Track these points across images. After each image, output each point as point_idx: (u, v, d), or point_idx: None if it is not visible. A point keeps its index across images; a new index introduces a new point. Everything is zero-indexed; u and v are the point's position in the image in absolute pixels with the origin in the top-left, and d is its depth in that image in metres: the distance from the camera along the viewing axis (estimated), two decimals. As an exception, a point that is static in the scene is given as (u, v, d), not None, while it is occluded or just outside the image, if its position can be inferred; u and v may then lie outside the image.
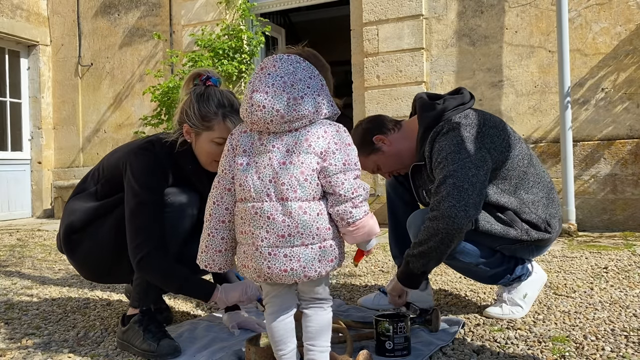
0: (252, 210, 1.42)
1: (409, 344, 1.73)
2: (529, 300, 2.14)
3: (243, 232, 1.46)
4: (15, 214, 7.08)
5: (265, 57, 1.50)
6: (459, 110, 2.03)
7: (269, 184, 1.41)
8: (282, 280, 1.43)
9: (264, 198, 1.41)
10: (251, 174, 1.44)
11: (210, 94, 1.86)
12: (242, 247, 1.48)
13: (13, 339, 2.05)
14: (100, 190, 2.01)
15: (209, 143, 1.87)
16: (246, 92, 1.47)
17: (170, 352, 1.77)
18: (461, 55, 5.08)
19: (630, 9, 4.49)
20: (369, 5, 5.38)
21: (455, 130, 1.94)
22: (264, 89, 1.42)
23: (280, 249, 1.40)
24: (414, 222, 2.08)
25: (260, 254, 1.42)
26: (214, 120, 1.84)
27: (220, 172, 1.51)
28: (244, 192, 1.44)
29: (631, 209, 4.40)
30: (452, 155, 1.88)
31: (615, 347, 1.74)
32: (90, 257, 1.98)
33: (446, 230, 1.81)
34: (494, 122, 2.04)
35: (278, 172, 1.41)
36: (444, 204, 1.81)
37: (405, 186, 2.29)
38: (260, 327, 2.02)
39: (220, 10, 6.12)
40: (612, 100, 4.55)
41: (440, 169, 1.89)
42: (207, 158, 1.91)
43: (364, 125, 2.21)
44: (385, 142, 2.12)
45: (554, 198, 2.10)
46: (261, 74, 1.46)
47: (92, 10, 7.08)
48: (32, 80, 7.26)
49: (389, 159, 2.14)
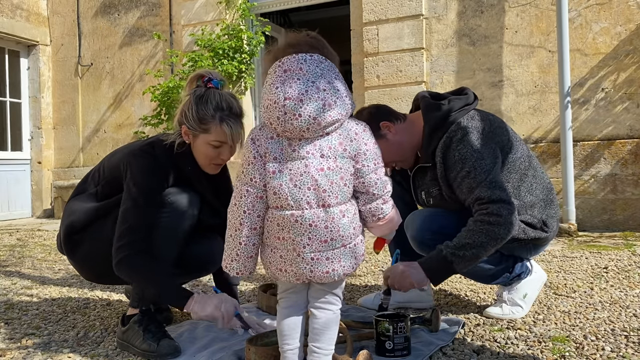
0: (292, 219, 1.40)
1: (409, 344, 1.73)
2: (529, 300, 2.14)
3: (281, 238, 1.44)
4: (15, 214, 7.08)
5: (284, 57, 1.44)
6: (465, 111, 2.02)
7: (307, 192, 1.40)
8: (322, 281, 1.45)
9: (303, 206, 1.40)
10: (286, 182, 1.41)
11: (209, 97, 1.85)
12: (277, 252, 1.46)
13: (13, 339, 2.05)
14: (100, 191, 2.01)
15: (205, 145, 1.87)
16: (271, 96, 1.41)
17: (170, 352, 1.77)
18: (461, 55, 5.08)
19: (630, 9, 4.49)
20: (369, 5, 5.38)
21: (469, 135, 1.94)
22: (298, 96, 1.38)
23: (323, 253, 1.42)
24: (412, 223, 2.08)
25: (303, 260, 1.42)
26: (211, 123, 1.83)
27: (249, 181, 1.46)
28: (280, 200, 1.42)
29: (631, 209, 4.40)
30: (478, 163, 1.89)
31: (615, 347, 1.74)
32: (90, 257, 1.98)
33: (505, 236, 1.85)
34: (498, 122, 2.06)
35: (317, 180, 1.40)
36: (505, 211, 1.83)
37: (405, 187, 2.29)
38: (260, 327, 2.02)
39: (220, 10, 6.12)
40: (612, 100, 4.55)
41: (471, 178, 1.89)
42: (205, 160, 1.91)
43: (371, 109, 2.16)
44: (391, 130, 2.08)
45: (552, 199, 2.10)
46: (287, 77, 1.41)
47: (92, 10, 7.08)
48: (32, 80, 7.26)
49: (390, 147, 2.08)
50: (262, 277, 3.06)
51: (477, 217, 1.86)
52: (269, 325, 2.06)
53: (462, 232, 1.85)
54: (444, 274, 1.89)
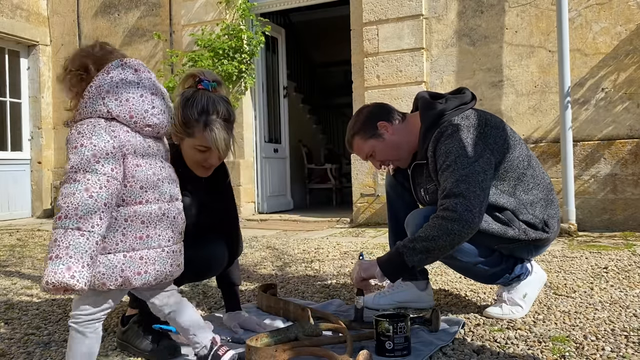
0: (160, 212, 1.49)
1: (409, 344, 1.73)
2: (529, 300, 2.14)
3: (144, 236, 1.46)
4: (15, 214, 7.08)
5: (124, 59, 1.54)
6: (461, 110, 2.03)
7: (170, 185, 1.53)
8: (174, 276, 1.55)
9: (168, 199, 1.51)
10: (150, 175, 1.49)
11: (197, 99, 1.74)
12: (136, 254, 1.45)
13: (13, 339, 2.05)
14: None
15: (191, 149, 1.79)
16: (138, 91, 1.48)
17: (170, 352, 1.77)
18: (461, 55, 5.08)
19: (630, 9, 4.49)
20: (369, 5, 5.38)
21: (459, 132, 1.94)
22: (160, 94, 1.52)
23: (177, 245, 1.55)
24: (412, 221, 2.08)
25: (167, 255, 1.50)
26: (195, 127, 1.73)
27: (109, 171, 1.39)
28: (147, 194, 1.47)
29: (631, 209, 4.40)
30: (460, 159, 1.90)
31: (615, 347, 1.74)
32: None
33: (460, 232, 1.84)
34: (494, 122, 2.06)
35: (171, 174, 1.56)
36: (461, 207, 1.84)
37: (405, 186, 2.29)
38: (260, 327, 2.02)
39: (220, 10, 6.12)
40: (612, 100, 4.55)
41: (450, 172, 1.90)
42: (192, 163, 1.84)
43: (371, 108, 2.19)
44: (388, 130, 2.11)
45: (553, 199, 2.11)
46: (145, 78, 1.51)
47: (92, 10, 7.08)
48: (32, 80, 7.26)
49: (387, 147, 2.12)
50: (262, 277, 3.06)
51: (437, 212, 1.89)
52: (269, 325, 2.06)
53: (421, 229, 1.90)
54: (396, 266, 1.92)
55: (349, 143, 2.23)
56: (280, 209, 6.85)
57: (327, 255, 3.73)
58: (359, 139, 2.17)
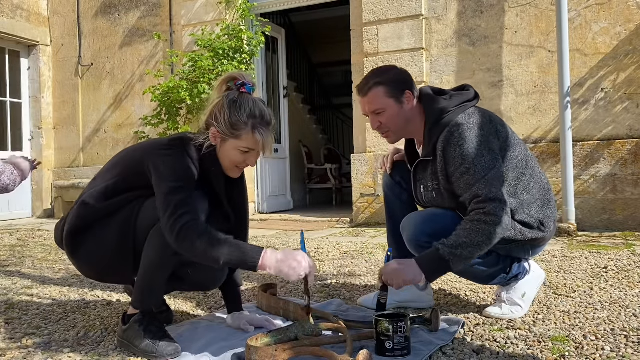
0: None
1: (409, 343, 1.74)
2: (528, 299, 2.15)
3: None
4: (16, 214, 7.08)
5: None
6: (464, 108, 2.03)
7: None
8: None
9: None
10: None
11: (243, 102, 1.82)
12: None
13: (13, 339, 2.06)
14: (112, 187, 1.91)
15: (234, 150, 1.84)
16: None
17: (170, 352, 1.77)
18: (461, 55, 5.08)
19: (630, 9, 4.50)
20: (369, 5, 5.38)
21: (471, 132, 1.95)
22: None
23: None
24: (407, 226, 2.08)
25: None
26: (243, 130, 1.81)
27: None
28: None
29: (631, 209, 4.40)
30: (479, 160, 1.90)
31: (615, 347, 1.74)
32: (93, 256, 1.93)
33: (499, 235, 1.87)
34: (498, 120, 2.07)
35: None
36: (500, 211, 1.85)
37: (403, 186, 2.29)
38: (270, 324, 2.02)
39: (221, 10, 6.12)
40: (612, 100, 4.55)
41: (471, 175, 1.90)
42: (230, 164, 1.89)
43: (403, 71, 2.12)
44: (409, 102, 2.07)
45: (550, 200, 2.11)
46: None
47: (92, 10, 7.09)
48: (33, 80, 7.27)
49: (398, 116, 2.06)
50: (262, 277, 3.07)
51: (474, 217, 1.86)
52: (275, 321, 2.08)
53: (459, 231, 1.86)
54: (440, 273, 1.90)
55: (365, 88, 2.07)
56: (280, 209, 6.85)
57: (327, 255, 3.73)
58: (381, 91, 2.05)
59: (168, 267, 1.86)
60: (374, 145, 5.41)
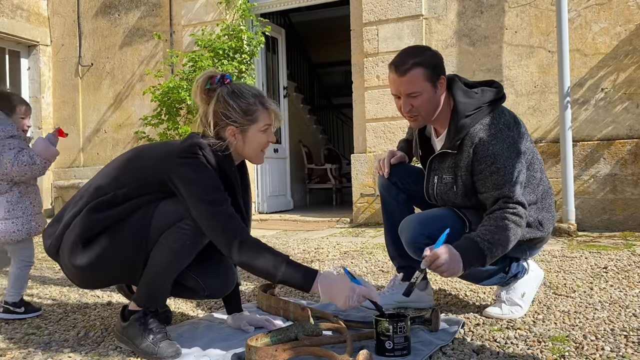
0: None
1: (409, 343, 1.74)
2: (528, 299, 2.15)
3: None
4: (16, 214, 7.07)
5: None
6: (495, 105, 2.01)
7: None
8: None
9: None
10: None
11: (240, 89, 1.89)
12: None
13: (13, 339, 2.06)
14: (121, 195, 1.83)
15: (257, 134, 1.89)
16: None
17: (171, 353, 1.77)
18: (461, 55, 5.08)
19: (630, 9, 4.50)
20: (368, 5, 5.38)
21: (503, 132, 1.95)
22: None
23: None
24: (405, 228, 2.07)
25: None
26: (256, 111, 1.87)
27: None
28: None
29: (631, 209, 4.40)
30: (509, 161, 1.92)
31: (615, 347, 1.74)
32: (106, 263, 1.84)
33: (519, 238, 1.93)
34: (518, 119, 2.06)
35: None
36: (524, 214, 1.92)
37: (399, 186, 2.29)
38: (270, 324, 2.02)
39: (221, 10, 6.12)
40: (612, 100, 4.55)
41: (500, 175, 1.91)
42: (256, 150, 1.93)
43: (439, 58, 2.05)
44: (442, 88, 2.02)
45: (550, 202, 2.11)
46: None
47: (92, 10, 7.09)
48: (33, 81, 7.27)
49: (431, 100, 2.00)
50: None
51: (504, 215, 1.88)
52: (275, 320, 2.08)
53: (492, 228, 1.87)
54: (474, 266, 1.89)
55: (404, 67, 1.96)
56: (280, 209, 6.85)
57: (327, 255, 3.73)
58: (420, 73, 1.96)
59: (179, 270, 1.85)
60: (374, 145, 5.41)
